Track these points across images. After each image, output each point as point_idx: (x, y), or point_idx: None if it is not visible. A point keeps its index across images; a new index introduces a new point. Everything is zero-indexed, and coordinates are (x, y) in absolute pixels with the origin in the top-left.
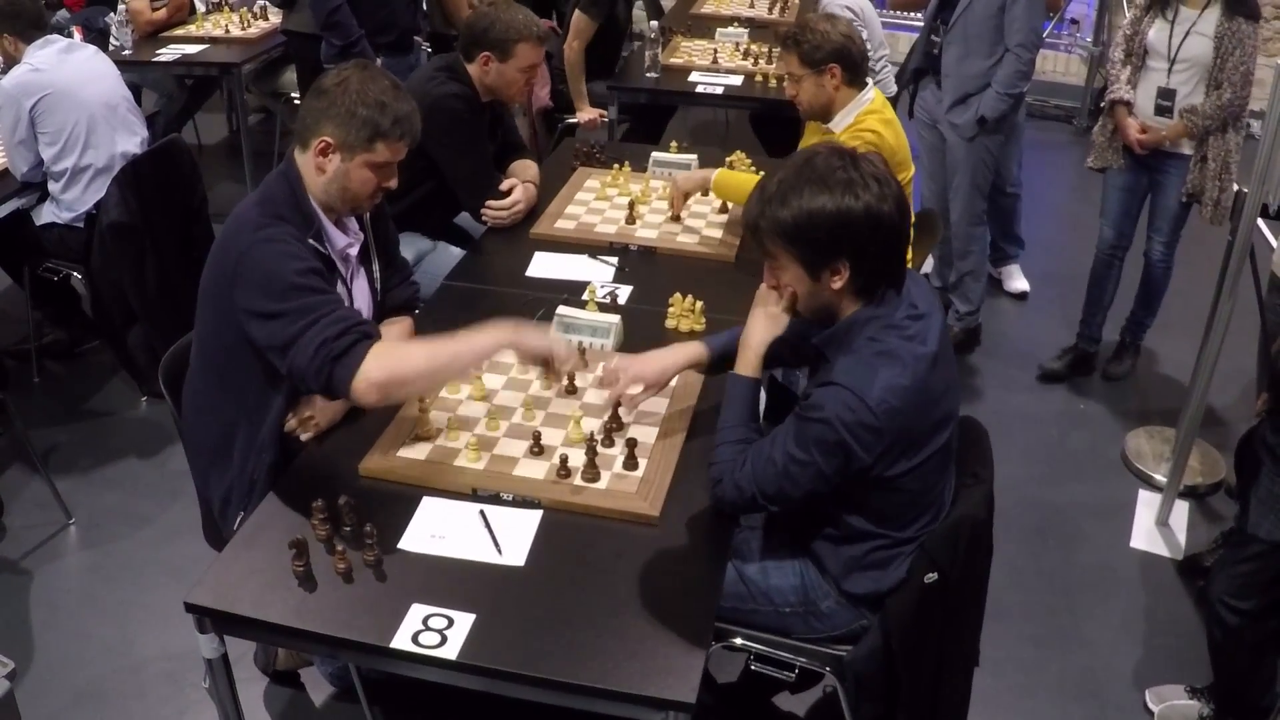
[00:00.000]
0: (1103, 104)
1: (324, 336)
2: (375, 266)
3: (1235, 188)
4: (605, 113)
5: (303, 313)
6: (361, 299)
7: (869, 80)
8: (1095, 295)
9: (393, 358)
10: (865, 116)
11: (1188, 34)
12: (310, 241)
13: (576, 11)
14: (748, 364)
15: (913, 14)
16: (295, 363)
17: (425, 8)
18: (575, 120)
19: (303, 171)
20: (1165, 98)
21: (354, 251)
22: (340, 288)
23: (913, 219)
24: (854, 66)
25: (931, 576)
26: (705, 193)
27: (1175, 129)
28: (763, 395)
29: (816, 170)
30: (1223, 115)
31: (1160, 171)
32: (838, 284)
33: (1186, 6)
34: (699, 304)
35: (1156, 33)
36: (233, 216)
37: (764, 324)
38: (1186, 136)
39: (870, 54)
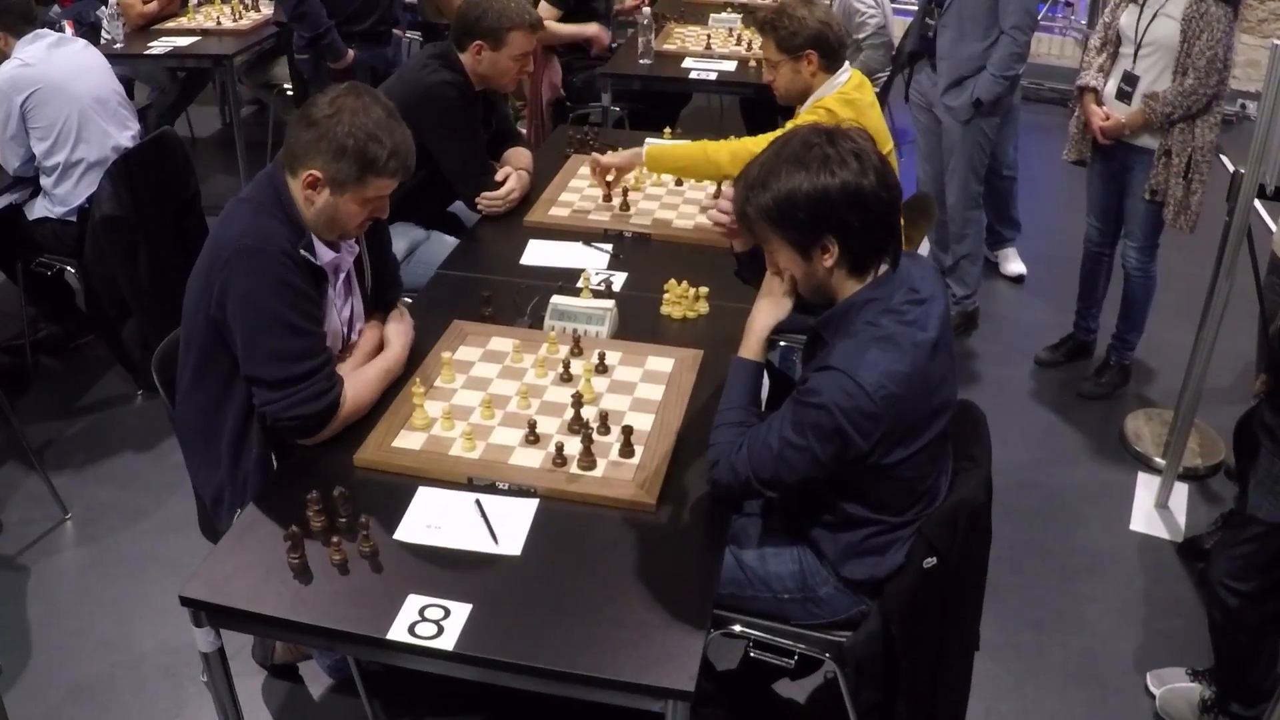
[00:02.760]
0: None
1: (319, 407)
2: (368, 277)
3: (1233, 190)
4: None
5: (293, 360)
6: (356, 311)
7: (845, 63)
8: (1087, 289)
9: (352, 402)
10: (827, 96)
11: (1155, 16)
12: (301, 252)
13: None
14: (750, 348)
15: None
16: (280, 411)
17: None
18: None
19: (292, 192)
20: (1128, 82)
21: (348, 263)
22: (326, 302)
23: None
24: (831, 53)
25: (930, 561)
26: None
27: (1134, 116)
28: (766, 381)
29: (793, 150)
30: (1186, 103)
31: (1126, 168)
32: (829, 262)
33: None
34: (703, 290)
35: (1127, 17)
36: (224, 216)
37: (767, 308)
38: (1146, 125)
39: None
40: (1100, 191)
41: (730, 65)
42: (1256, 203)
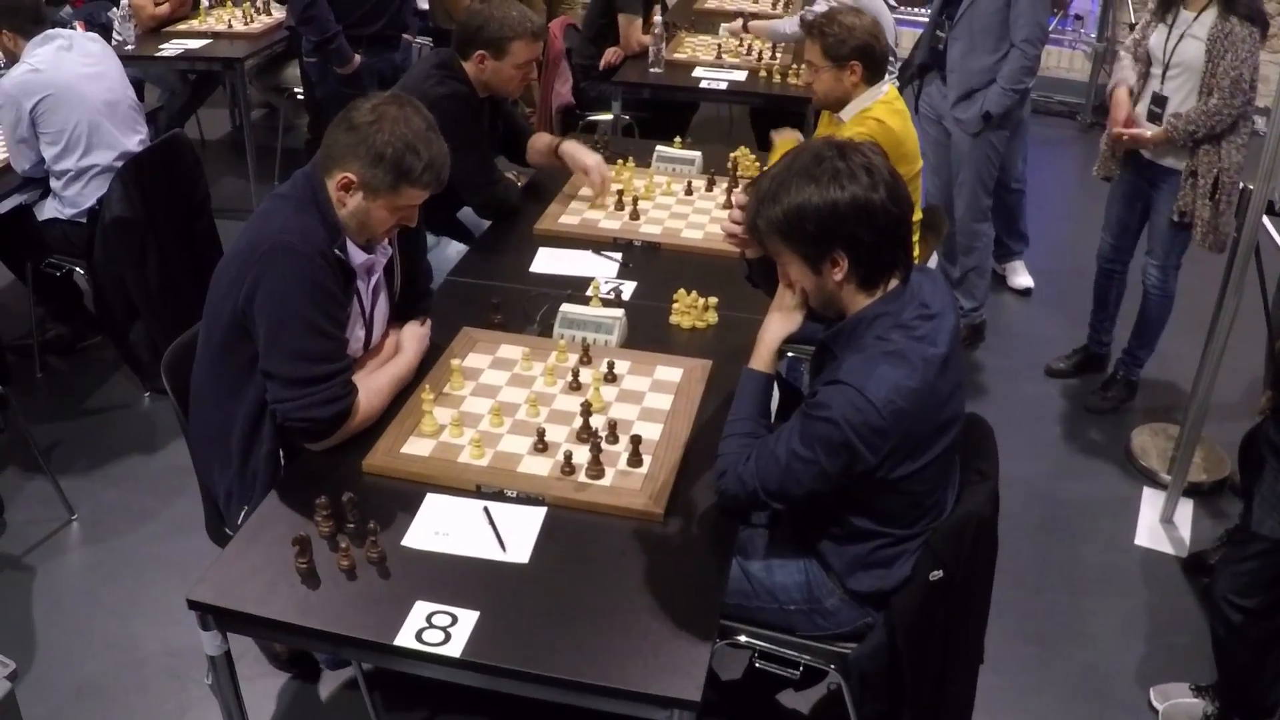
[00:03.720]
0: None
1: (331, 412)
2: (397, 281)
3: (1241, 206)
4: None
5: (313, 361)
6: (380, 315)
7: (886, 75)
8: (1100, 304)
9: (363, 411)
10: (874, 105)
11: (1182, 37)
12: (335, 251)
13: (620, 15)
14: (761, 359)
15: (917, 9)
16: (291, 411)
17: (428, 4)
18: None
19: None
20: (1157, 104)
21: (380, 265)
22: (355, 304)
23: (918, 213)
24: (875, 65)
25: (936, 574)
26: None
27: (1158, 134)
28: (775, 393)
29: (804, 164)
30: (1209, 123)
31: (1154, 187)
32: (838, 275)
33: (1186, 9)
34: (712, 300)
35: (1156, 38)
36: (262, 212)
37: (778, 320)
38: (1169, 143)
39: (889, 44)
40: (1121, 209)
41: (740, 75)
42: (1265, 219)
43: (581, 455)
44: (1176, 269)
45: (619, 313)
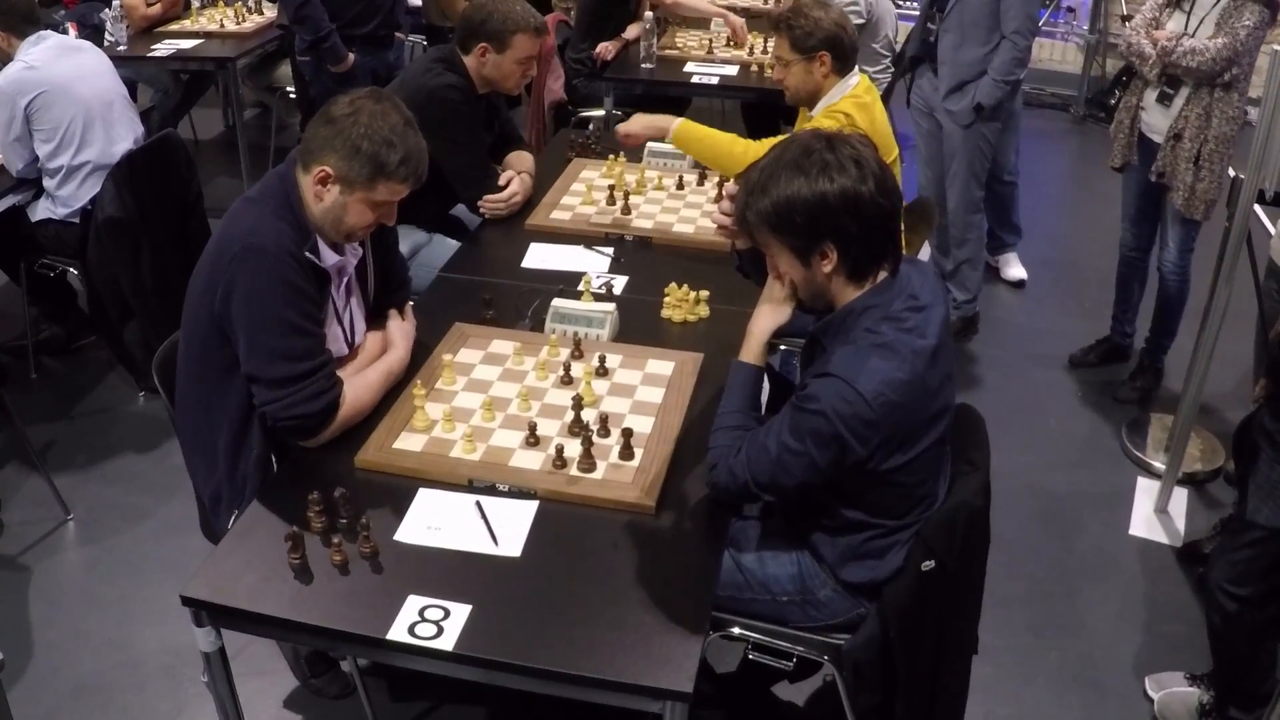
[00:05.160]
0: (1113, 98)
1: (318, 406)
2: (370, 283)
3: (1224, 178)
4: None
5: (294, 359)
6: (357, 314)
7: (856, 67)
8: (1122, 296)
9: (352, 404)
10: (842, 100)
11: (1201, 21)
12: (306, 254)
13: None
14: (750, 351)
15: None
16: (279, 411)
17: (421, 1)
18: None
19: (302, 190)
20: (1171, 85)
21: (351, 266)
22: (329, 305)
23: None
24: (844, 56)
25: (929, 564)
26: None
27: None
28: (766, 385)
29: (793, 156)
30: (1186, 49)
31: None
32: (827, 268)
33: None
34: (703, 294)
35: (1174, 25)
36: (231, 214)
37: (768, 313)
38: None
39: (890, 38)
40: (1137, 196)
41: (732, 69)
42: (1256, 207)
43: (573, 449)
44: (1190, 252)
45: (610, 307)
